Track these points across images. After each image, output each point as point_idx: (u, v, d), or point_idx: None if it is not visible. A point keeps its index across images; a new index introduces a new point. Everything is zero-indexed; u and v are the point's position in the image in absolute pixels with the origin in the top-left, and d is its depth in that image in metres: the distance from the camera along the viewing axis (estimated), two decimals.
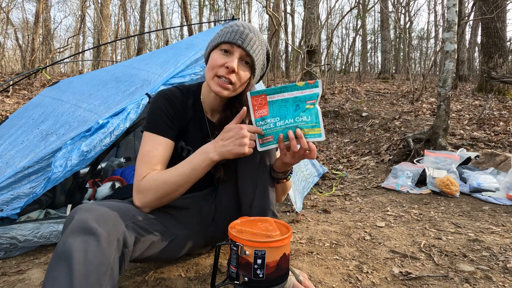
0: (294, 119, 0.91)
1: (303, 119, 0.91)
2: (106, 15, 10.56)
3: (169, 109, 0.99)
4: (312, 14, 8.10)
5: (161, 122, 0.97)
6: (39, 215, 1.49)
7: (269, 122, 0.92)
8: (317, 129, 0.91)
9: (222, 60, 0.96)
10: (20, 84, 6.37)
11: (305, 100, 0.91)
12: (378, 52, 21.47)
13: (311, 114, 0.91)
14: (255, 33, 1.00)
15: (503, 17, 6.03)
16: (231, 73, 0.96)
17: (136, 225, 0.83)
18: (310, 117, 0.91)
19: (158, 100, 1.00)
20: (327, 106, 5.83)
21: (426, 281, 1.08)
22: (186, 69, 1.74)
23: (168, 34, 17.55)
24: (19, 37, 15.07)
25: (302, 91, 0.91)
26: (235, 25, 0.99)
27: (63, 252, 0.66)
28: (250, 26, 1.00)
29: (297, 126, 0.91)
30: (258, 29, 1.04)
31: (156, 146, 0.94)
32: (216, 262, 0.85)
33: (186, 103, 1.05)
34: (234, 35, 0.96)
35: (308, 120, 0.91)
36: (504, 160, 2.55)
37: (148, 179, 0.89)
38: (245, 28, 0.98)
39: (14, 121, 1.76)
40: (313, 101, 0.91)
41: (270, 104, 0.92)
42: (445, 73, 3.03)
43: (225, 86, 0.97)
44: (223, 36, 0.97)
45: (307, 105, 0.91)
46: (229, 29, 0.98)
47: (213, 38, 1.02)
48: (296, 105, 0.92)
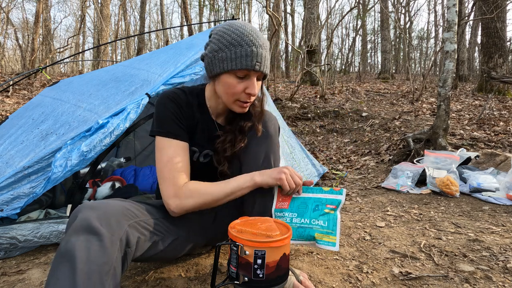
0: (310, 220, 0.92)
1: (319, 223, 0.91)
2: (106, 15, 10.56)
3: (178, 112, 0.99)
4: (312, 14, 8.10)
5: (173, 125, 0.97)
6: (39, 215, 1.49)
7: (286, 216, 0.95)
8: (332, 237, 0.89)
9: (241, 86, 0.94)
10: (20, 84, 6.37)
11: (326, 203, 0.91)
12: (378, 52, 21.48)
13: (329, 219, 0.91)
14: (262, 44, 0.93)
15: (503, 17, 6.03)
16: (252, 96, 0.98)
17: (139, 224, 0.83)
18: (328, 222, 0.91)
19: (165, 102, 0.99)
20: (327, 106, 5.84)
21: (426, 281, 1.08)
22: (186, 69, 1.74)
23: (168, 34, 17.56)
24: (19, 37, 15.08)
25: (325, 195, 0.93)
26: (243, 42, 0.90)
27: (66, 251, 0.66)
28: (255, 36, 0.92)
29: (312, 228, 0.91)
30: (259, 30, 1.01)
31: (177, 152, 0.96)
32: (216, 262, 0.85)
33: (191, 104, 1.04)
34: (251, 61, 0.91)
35: (325, 225, 0.90)
36: (504, 160, 2.55)
37: (191, 188, 0.93)
38: (257, 46, 0.91)
39: (14, 121, 1.76)
40: (333, 206, 0.92)
41: (292, 200, 0.96)
42: (445, 73, 3.03)
43: (246, 106, 1.01)
44: (236, 61, 0.91)
45: (327, 209, 0.91)
46: (241, 51, 0.90)
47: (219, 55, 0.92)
48: (316, 205, 0.93)
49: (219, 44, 0.93)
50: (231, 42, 0.91)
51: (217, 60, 0.93)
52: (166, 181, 0.93)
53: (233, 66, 0.91)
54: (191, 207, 0.93)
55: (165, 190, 0.93)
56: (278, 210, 0.97)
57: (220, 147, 1.05)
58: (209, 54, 0.96)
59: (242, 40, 0.91)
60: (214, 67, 0.95)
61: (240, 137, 1.03)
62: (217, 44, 0.93)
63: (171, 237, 0.95)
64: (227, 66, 0.92)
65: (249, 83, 0.95)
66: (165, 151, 0.95)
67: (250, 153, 1.03)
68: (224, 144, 1.04)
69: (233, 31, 0.92)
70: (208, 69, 0.98)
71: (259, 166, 1.01)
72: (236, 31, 0.92)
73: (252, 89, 0.95)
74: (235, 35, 0.91)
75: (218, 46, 0.93)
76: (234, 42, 0.91)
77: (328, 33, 13.80)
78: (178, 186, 0.92)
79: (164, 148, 0.96)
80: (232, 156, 1.05)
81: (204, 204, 0.94)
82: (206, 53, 0.98)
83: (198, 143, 1.06)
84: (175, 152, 0.95)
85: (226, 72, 0.93)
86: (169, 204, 0.92)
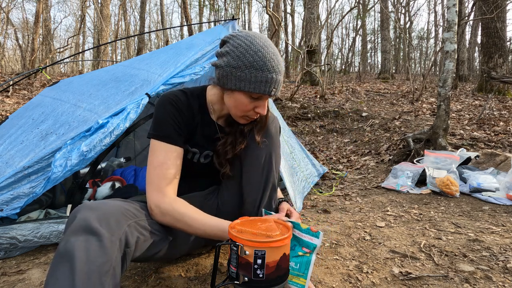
0: None
1: (291, 264, 0.87)
2: (106, 15, 10.56)
3: (177, 115, 0.98)
4: (312, 14, 8.10)
5: (170, 129, 0.96)
6: (39, 215, 1.49)
7: None
8: (302, 280, 0.88)
9: (252, 106, 0.95)
10: (20, 84, 6.37)
11: (302, 245, 0.89)
12: (378, 52, 21.47)
13: (301, 262, 0.88)
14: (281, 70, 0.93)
15: (503, 17, 6.03)
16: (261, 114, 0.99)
17: (138, 224, 0.83)
18: (299, 265, 0.88)
19: (165, 106, 0.98)
20: (327, 106, 5.83)
21: (426, 281, 1.08)
22: (186, 69, 1.74)
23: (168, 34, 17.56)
24: (19, 37, 15.07)
25: (302, 234, 0.89)
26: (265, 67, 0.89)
27: (65, 252, 0.66)
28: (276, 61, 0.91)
29: None
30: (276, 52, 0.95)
31: (169, 157, 0.95)
32: (216, 262, 0.85)
33: (192, 107, 1.03)
34: (269, 87, 0.91)
35: (296, 267, 0.88)
36: (504, 160, 2.55)
37: (174, 207, 0.91)
38: (277, 73, 0.91)
39: (14, 121, 1.76)
40: (309, 250, 0.89)
41: None
42: (445, 73, 3.03)
43: (251, 120, 1.02)
44: (255, 85, 0.90)
45: (301, 251, 0.88)
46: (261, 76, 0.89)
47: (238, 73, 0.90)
48: (293, 245, 0.89)
49: (239, 62, 0.89)
50: (252, 64, 0.89)
51: (234, 77, 0.91)
52: (151, 186, 0.93)
53: (250, 89, 0.90)
54: (166, 223, 0.92)
55: (149, 194, 0.93)
56: None
57: (221, 150, 1.05)
58: (226, 68, 0.91)
59: (264, 65, 0.89)
60: (229, 82, 0.92)
61: (240, 139, 1.03)
62: (236, 61, 0.90)
63: (171, 237, 0.95)
64: (244, 87, 0.91)
65: (261, 103, 0.96)
66: (157, 154, 0.95)
67: (251, 154, 1.03)
68: (225, 146, 1.04)
69: (255, 52, 0.89)
70: (222, 81, 0.94)
71: (260, 166, 1.02)
72: (258, 53, 0.89)
73: (262, 110, 0.96)
74: (258, 57, 0.89)
75: (237, 64, 0.90)
76: (255, 65, 0.89)
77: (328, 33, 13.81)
78: (161, 195, 0.92)
79: (157, 151, 0.95)
80: (233, 157, 1.05)
81: (179, 228, 0.93)
82: (221, 64, 0.93)
83: (198, 144, 1.06)
84: (166, 157, 0.95)
85: (241, 91, 0.92)
86: (150, 208, 0.92)
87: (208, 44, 1.90)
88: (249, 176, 1.04)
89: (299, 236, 0.90)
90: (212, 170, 1.08)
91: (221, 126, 1.09)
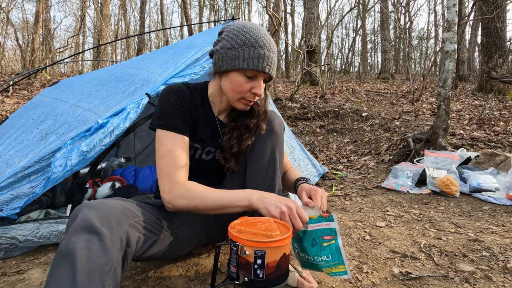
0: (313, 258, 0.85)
1: (322, 259, 0.85)
2: (106, 15, 10.56)
3: (181, 105, 0.99)
4: (312, 14, 8.10)
5: (175, 118, 0.97)
6: (39, 215, 1.49)
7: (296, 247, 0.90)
8: (341, 267, 0.85)
9: (249, 86, 0.96)
10: (20, 84, 6.37)
11: (322, 235, 0.86)
12: (378, 52, 21.47)
13: (331, 252, 0.85)
14: (273, 48, 0.97)
15: (503, 17, 6.03)
16: (258, 96, 0.99)
17: (139, 224, 0.83)
18: (331, 256, 0.85)
19: (169, 96, 0.99)
20: (327, 106, 5.83)
21: (426, 281, 1.08)
22: (186, 69, 1.74)
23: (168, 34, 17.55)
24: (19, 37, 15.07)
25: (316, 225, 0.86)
26: (256, 44, 0.93)
27: (66, 251, 0.66)
28: (268, 40, 0.96)
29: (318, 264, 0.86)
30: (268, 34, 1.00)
31: (177, 146, 0.95)
32: (216, 262, 0.85)
33: (194, 99, 1.04)
34: (262, 63, 0.94)
35: (329, 259, 0.85)
36: (504, 160, 2.55)
37: (187, 188, 0.91)
38: (268, 50, 0.95)
39: (14, 121, 1.76)
40: (331, 236, 0.85)
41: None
42: (445, 73, 3.03)
43: (249, 104, 1.02)
44: (248, 61, 0.93)
45: (325, 241, 0.85)
46: (254, 52, 0.93)
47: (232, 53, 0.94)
48: (312, 240, 0.86)
49: (232, 43, 0.95)
50: (245, 42, 0.94)
51: (228, 57, 0.95)
52: (162, 176, 0.93)
53: (244, 65, 0.93)
54: (182, 207, 0.91)
55: (161, 184, 0.92)
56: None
57: (227, 144, 1.05)
58: (221, 51, 0.96)
59: (256, 42, 0.93)
60: (224, 63, 0.96)
61: (247, 135, 1.04)
62: (230, 42, 0.95)
63: (172, 237, 0.95)
64: (238, 65, 0.94)
65: (256, 83, 0.97)
66: (164, 144, 0.95)
67: (256, 150, 1.04)
68: (231, 141, 1.05)
69: (247, 32, 0.95)
70: (218, 65, 0.99)
71: (264, 163, 1.03)
72: (250, 33, 0.95)
73: (258, 89, 0.97)
74: (250, 36, 0.94)
75: (231, 44, 0.95)
76: (248, 43, 0.93)
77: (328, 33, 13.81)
78: (174, 182, 0.91)
79: (164, 141, 0.95)
80: (238, 153, 1.06)
81: (195, 209, 0.91)
82: (216, 49, 0.98)
83: (200, 140, 1.06)
84: (174, 145, 0.94)
85: (236, 70, 0.95)
86: (164, 198, 0.92)
87: (208, 44, 1.90)
88: (253, 172, 1.04)
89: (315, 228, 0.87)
90: (215, 167, 1.09)
91: (222, 121, 1.09)
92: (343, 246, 0.86)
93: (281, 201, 0.85)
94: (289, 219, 0.83)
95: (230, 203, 0.89)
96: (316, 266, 0.87)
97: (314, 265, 0.87)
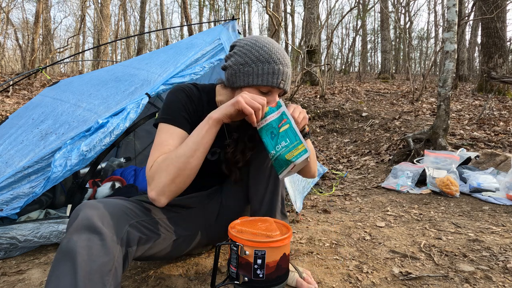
0: (275, 150, 0.85)
1: (282, 145, 0.85)
2: (106, 15, 10.56)
3: (188, 103, 0.98)
4: (312, 14, 8.10)
5: (178, 114, 0.96)
6: (39, 215, 1.49)
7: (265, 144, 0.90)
8: (301, 146, 0.84)
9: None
10: (20, 84, 6.37)
11: (277, 125, 0.86)
12: (378, 52, 21.47)
13: (288, 135, 0.85)
14: (288, 63, 0.95)
15: (503, 17, 6.03)
16: None
17: (140, 224, 0.83)
18: (289, 139, 0.85)
19: (177, 93, 0.99)
20: (327, 106, 5.83)
21: (426, 281, 1.08)
22: (186, 69, 1.74)
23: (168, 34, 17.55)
24: (19, 37, 15.06)
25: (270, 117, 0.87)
26: (271, 59, 0.92)
27: (67, 250, 0.66)
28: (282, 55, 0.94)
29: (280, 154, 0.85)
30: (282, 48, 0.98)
31: (172, 137, 0.92)
32: (216, 262, 0.85)
33: (202, 99, 1.04)
34: (276, 79, 0.92)
35: (288, 143, 0.85)
36: (504, 160, 2.55)
37: (158, 161, 0.86)
38: (283, 65, 0.93)
39: (14, 121, 1.76)
40: (283, 120, 0.86)
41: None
42: (445, 73, 3.03)
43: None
44: (262, 78, 0.92)
45: (281, 128, 0.86)
46: (268, 68, 0.91)
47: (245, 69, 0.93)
48: (271, 133, 0.87)
49: (246, 58, 0.93)
50: (258, 58, 0.92)
51: (242, 73, 0.93)
52: (148, 164, 0.87)
53: (258, 82, 0.92)
54: (167, 182, 0.83)
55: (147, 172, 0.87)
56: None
57: (231, 158, 1.05)
58: (234, 66, 0.95)
59: (270, 58, 0.92)
60: (237, 79, 0.95)
61: (251, 146, 1.04)
62: (243, 58, 0.93)
63: (173, 237, 0.95)
64: (252, 81, 0.92)
65: (271, 99, 0.95)
66: (160, 134, 0.93)
67: (258, 154, 1.04)
68: (235, 154, 1.05)
69: (261, 47, 0.93)
70: (231, 81, 0.97)
71: (267, 166, 1.03)
72: (264, 48, 0.93)
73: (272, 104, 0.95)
74: (263, 51, 0.92)
75: (244, 60, 0.93)
76: (261, 59, 0.92)
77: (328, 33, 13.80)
78: (149, 168, 0.87)
79: (161, 132, 0.93)
80: None
81: (178, 171, 0.83)
82: (229, 64, 0.96)
83: None
84: (169, 136, 0.92)
85: (249, 86, 0.94)
86: (149, 194, 0.85)
87: (208, 44, 1.90)
88: (257, 176, 1.04)
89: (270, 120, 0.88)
90: (218, 168, 1.09)
91: (228, 124, 1.09)
92: (295, 126, 0.87)
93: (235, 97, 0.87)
94: (246, 105, 0.84)
95: (199, 136, 0.86)
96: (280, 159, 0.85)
97: (278, 160, 0.85)
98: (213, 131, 0.88)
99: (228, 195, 1.13)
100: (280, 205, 1.06)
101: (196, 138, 0.86)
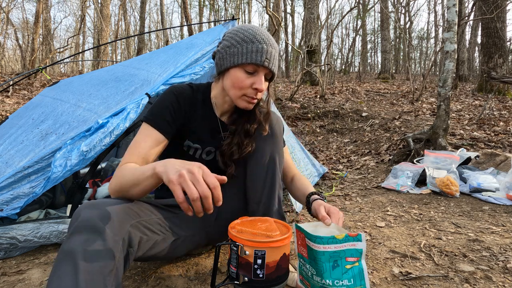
0: (332, 282, 0.76)
1: (344, 283, 0.76)
2: (106, 15, 10.56)
3: (175, 106, 0.99)
4: (312, 14, 8.10)
5: (161, 117, 0.97)
6: (39, 215, 1.49)
7: (308, 268, 0.82)
8: None
9: (249, 81, 0.97)
10: (20, 84, 6.37)
11: (345, 256, 0.77)
12: (378, 52, 21.47)
13: (354, 276, 0.77)
14: (273, 44, 0.98)
15: (503, 17, 6.03)
16: (259, 92, 0.99)
17: (141, 224, 0.83)
18: (353, 279, 0.77)
19: (167, 95, 1.01)
20: (327, 106, 5.83)
21: (426, 281, 1.08)
22: (186, 69, 1.74)
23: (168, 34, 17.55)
24: (19, 37, 15.06)
25: (341, 245, 0.77)
26: (255, 39, 0.95)
27: (69, 251, 0.66)
28: (266, 36, 0.97)
29: None
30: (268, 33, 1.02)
31: (146, 139, 0.95)
32: (216, 262, 0.85)
33: (196, 99, 1.05)
34: (260, 56, 0.94)
35: (351, 283, 0.76)
36: (504, 160, 2.55)
37: (120, 168, 0.89)
38: (267, 44, 0.96)
39: (14, 121, 1.76)
40: (355, 258, 0.77)
41: (308, 249, 0.80)
42: (445, 73, 3.03)
43: (252, 102, 1.01)
44: (247, 56, 0.94)
45: (348, 263, 0.77)
46: (252, 47, 0.94)
47: (231, 50, 0.96)
48: (334, 261, 0.77)
49: (232, 41, 0.97)
50: (243, 38, 0.96)
51: (228, 55, 0.97)
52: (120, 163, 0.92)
53: (243, 60, 0.94)
54: (115, 189, 0.86)
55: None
56: (300, 256, 0.85)
57: (227, 150, 1.05)
58: (221, 50, 0.99)
59: (254, 38, 0.95)
60: (224, 61, 0.98)
61: (247, 141, 1.04)
62: (229, 41, 0.98)
63: (173, 237, 0.95)
64: (237, 60, 0.95)
65: (257, 78, 0.97)
66: (139, 133, 0.96)
67: (255, 153, 1.03)
68: (231, 147, 1.04)
69: (246, 30, 0.97)
70: (219, 64, 1.01)
71: (263, 166, 1.02)
72: (249, 30, 0.97)
73: (259, 84, 0.97)
74: (248, 33, 0.96)
75: (230, 43, 0.97)
76: (246, 39, 0.95)
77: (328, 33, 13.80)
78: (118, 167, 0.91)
79: (140, 131, 0.96)
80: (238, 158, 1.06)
81: (121, 188, 0.84)
82: (218, 49, 1.01)
83: (200, 140, 1.06)
84: (145, 137, 0.95)
85: (235, 66, 0.96)
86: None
87: (208, 44, 1.90)
88: (253, 176, 1.04)
89: (340, 249, 0.78)
90: (216, 167, 1.09)
91: (223, 122, 1.09)
92: (367, 272, 0.78)
93: (185, 165, 0.70)
94: (190, 184, 0.66)
95: (141, 174, 0.79)
96: None
97: None
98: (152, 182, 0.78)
99: (227, 195, 1.13)
100: (278, 205, 1.06)
101: (139, 176, 0.80)
